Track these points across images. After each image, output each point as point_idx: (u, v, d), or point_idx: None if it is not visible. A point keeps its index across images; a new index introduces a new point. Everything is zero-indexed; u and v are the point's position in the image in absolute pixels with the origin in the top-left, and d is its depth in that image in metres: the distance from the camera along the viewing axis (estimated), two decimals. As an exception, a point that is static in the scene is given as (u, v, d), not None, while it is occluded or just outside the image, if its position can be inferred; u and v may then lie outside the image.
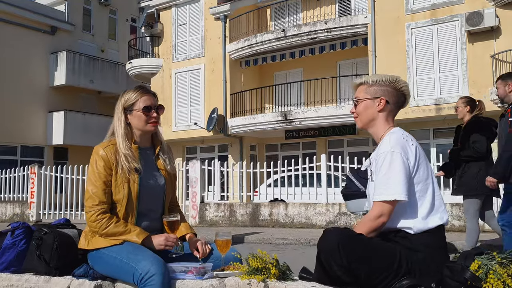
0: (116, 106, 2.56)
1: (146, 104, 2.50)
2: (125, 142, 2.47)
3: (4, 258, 2.64)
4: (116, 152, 2.45)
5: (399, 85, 2.25)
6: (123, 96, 2.56)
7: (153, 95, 2.61)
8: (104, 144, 2.49)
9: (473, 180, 5.00)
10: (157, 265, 2.18)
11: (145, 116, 2.50)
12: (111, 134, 2.56)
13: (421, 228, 2.07)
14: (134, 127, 2.53)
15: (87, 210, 2.40)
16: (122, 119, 2.50)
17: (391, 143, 2.10)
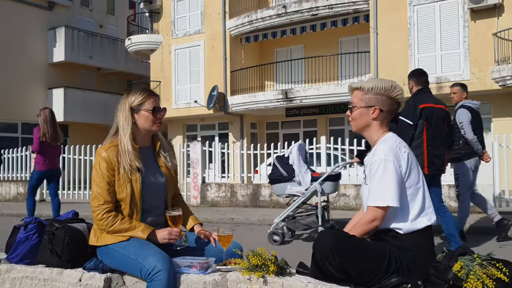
0: (121, 106, 2.65)
1: (154, 105, 2.62)
2: (132, 142, 2.59)
3: (19, 251, 2.80)
4: (118, 153, 2.56)
5: (394, 94, 2.31)
6: (129, 96, 2.65)
7: (158, 96, 2.73)
8: (106, 146, 2.60)
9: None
10: (163, 261, 2.33)
11: (153, 117, 2.61)
12: (113, 134, 2.67)
13: (410, 229, 2.20)
14: (140, 127, 2.64)
15: (93, 209, 2.53)
16: (130, 119, 2.60)
17: (385, 151, 2.21)
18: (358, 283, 2.09)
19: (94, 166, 2.60)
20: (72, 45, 23.02)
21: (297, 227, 6.13)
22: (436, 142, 4.77)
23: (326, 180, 5.95)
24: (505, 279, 1.88)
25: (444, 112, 4.95)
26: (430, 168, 4.71)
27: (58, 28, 22.84)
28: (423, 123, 4.70)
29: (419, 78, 4.97)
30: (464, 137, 5.79)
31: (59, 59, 22.77)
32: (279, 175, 6.03)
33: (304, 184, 5.90)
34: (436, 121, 4.78)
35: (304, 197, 5.98)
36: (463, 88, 6.06)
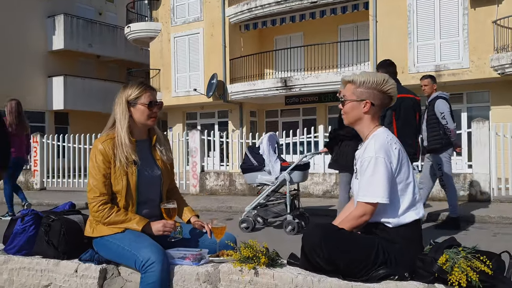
0: (118, 99, 2.67)
1: (150, 100, 2.64)
2: (129, 135, 2.62)
3: (16, 242, 2.84)
4: (114, 146, 2.59)
5: (386, 88, 2.33)
6: (126, 90, 2.68)
7: (155, 91, 2.75)
8: (102, 139, 2.63)
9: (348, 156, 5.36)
10: (157, 253, 2.37)
11: (149, 111, 2.64)
12: (110, 126, 2.70)
13: (399, 223, 2.24)
14: (136, 120, 2.67)
15: (89, 201, 2.57)
16: (126, 112, 2.63)
17: (376, 148, 2.23)
18: (347, 274, 2.13)
19: (90, 158, 2.63)
20: (71, 33, 22.93)
21: (267, 215, 6.37)
22: (406, 131, 4.88)
23: (294, 169, 6.12)
24: (489, 271, 1.93)
25: (414, 101, 5.06)
26: None
27: (57, 15, 22.74)
28: (391, 113, 4.82)
29: (388, 69, 5.06)
30: (445, 127, 5.92)
31: (59, 47, 22.70)
32: (250, 165, 6.27)
33: (273, 174, 6.09)
34: (405, 110, 4.90)
35: (274, 186, 6.17)
36: (433, 79, 6.26)
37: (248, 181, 6.57)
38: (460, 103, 14.82)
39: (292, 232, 5.94)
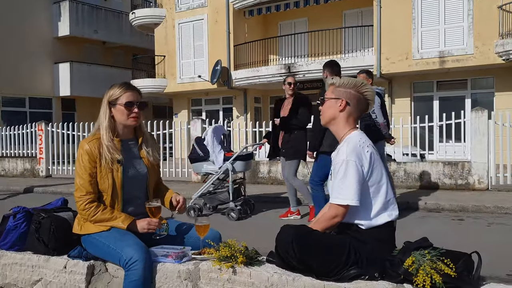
0: (103, 100, 2.76)
1: (128, 100, 2.70)
2: (108, 134, 2.69)
3: (9, 238, 2.96)
4: (100, 146, 2.67)
5: (362, 89, 2.40)
6: (109, 91, 2.76)
7: (137, 91, 2.81)
8: (88, 139, 2.71)
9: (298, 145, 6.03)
10: (140, 252, 2.46)
11: (127, 111, 2.70)
12: (97, 128, 2.77)
13: (371, 224, 2.30)
14: (117, 121, 2.74)
15: (76, 200, 2.66)
16: (107, 112, 2.71)
17: (347, 151, 2.29)
18: (320, 274, 2.21)
19: (77, 158, 2.71)
20: (76, 19, 22.96)
21: (213, 202, 6.79)
22: None
23: (236, 159, 6.47)
24: (453, 274, 1.99)
25: None
26: None
27: (62, 1, 22.75)
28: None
29: (333, 68, 5.48)
30: (375, 121, 6.10)
31: (64, 33, 22.75)
32: (196, 155, 6.65)
33: (217, 163, 6.48)
34: None
35: (217, 175, 6.54)
36: (369, 74, 6.32)
37: (195, 170, 6.97)
38: (464, 89, 14.73)
39: (233, 218, 6.33)
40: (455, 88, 14.78)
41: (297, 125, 6.09)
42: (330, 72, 5.47)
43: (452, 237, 5.27)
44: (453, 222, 6.19)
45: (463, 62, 13.40)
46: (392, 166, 8.98)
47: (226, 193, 6.55)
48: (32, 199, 8.44)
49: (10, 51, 20.80)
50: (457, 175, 8.45)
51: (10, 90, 21.13)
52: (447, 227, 5.91)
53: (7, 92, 21.02)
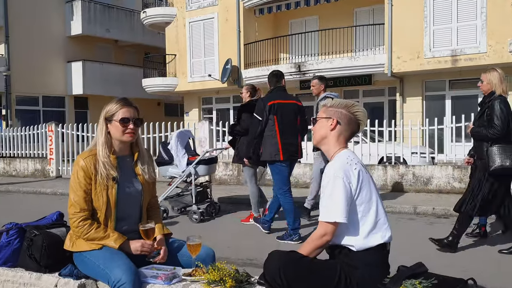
0: (100, 116, 2.73)
1: (124, 116, 2.67)
2: (105, 150, 2.66)
3: (1, 255, 2.94)
4: (96, 162, 2.65)
5: (353, 109, 2.41)
6: (106, 107, 2.74)
7: (134, 107, 2.76)
8: (84, 155, 2.68)
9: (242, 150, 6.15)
10: (129, 274, 2.43)
11: (122, 127, 2.67)
12: (94, 143, 2.75)
13: (363, 246, 2.25)
14: (113, 136, 2.71)
15: (70, 217, 2.64)
16: (104, 128, 2.69)
17: (335, 168, 2.26)
18: (308, 300, 2.16)
19: (72, 174, 2.69)
20: (89, 18, 23.10)
21: (177, 205, 7.07)
22: (287, 133, 5.44)
23: (199, 163, 6.72)
24: (443, 306, 1.92)
25: (296, 106, 5.57)
26: (284, 155, 5.41)
27: (74, 1, 22.91)
28: (273, 117, 5.38)
29: (272, 79, 5.65)
30: None
31: (77, 32, 22.92)
32: (162, 159, 6.91)
33: (180, 167, 6.74)
34: (286, 115, 5.44)
35: (181, 178, 6.78)
36: (321, 80, 6.40)
37: (161, 174, 7.22)
38: (477, 88, 14.40)
39: (196, 220, 6.57)
40: (468, 87, 14.53)
41: (240, 131, 6.28)
42: (275, 82, 5.64)
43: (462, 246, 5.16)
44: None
45: (476, 61, 13.16)
46: (401, 169, 8.86)
47: (189, 196, 6.80)
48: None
49: (23, 51, 21.03)
50: (467, 179, 8.28)
51: (23, 89, 21.37)
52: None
53: (20, 91, 21.25)
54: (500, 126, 4.44)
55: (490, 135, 4.49)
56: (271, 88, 5.61)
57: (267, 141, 5.42)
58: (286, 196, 5.47)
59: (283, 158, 5.38)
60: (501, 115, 4.44)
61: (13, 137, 13.75)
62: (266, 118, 5.37)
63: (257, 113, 5.43)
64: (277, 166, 5.45)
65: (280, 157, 5.36)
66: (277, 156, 5.37)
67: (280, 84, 5.61)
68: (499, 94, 4.57)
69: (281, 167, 5.45)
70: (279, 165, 5.44)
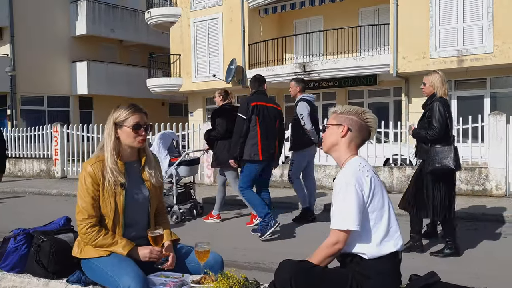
0: (108, 120, 2.69)
1: (136, 122, 2.65)
2: (113, 157, 2.64)
3: (9, 260, 2.94)
4: (104, 168, 2.62)
5: (364, 116, 2.37)
6: (115, 112, 2.69)
7: (145, 113, 2.74)
8: (92, 161, 2.66)
9: (221, 155, 6.32)
10: (137, 280, 2.41)
11: (134, 133, 2.65)
12: (101, 148, 2.72)
13: (374, 254, 2.22)
14: (123, 142, 2.69)
15: (78, 223, 2.63)
16: (112, 134, 2.65)
17: (347, 175, 2.23)
18: (319, 310, 2.13)
19: (79, 180, 2.66)
20: (93, 18, 23.12)
21: None
22: (267, 134, 5.67)
23: (180, 165, 6.88)
24: (458, 317, 1.90)
25: (275, 110, 5.82)
26: (263, 155, 5.61)
27: (79, 1, 22.93)
28: (255, 118, 5.59)
29: (254, 83, 5.88)
30: (304, 128, 6.31)
31: (81, 32, 22.94)
32: None
33: (162, 169, 6.74)
34: (267, 117, 5.66)
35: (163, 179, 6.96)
36: (298, 82, 6.59)
37: None
38: (483, 89, 14.40)
39: (176, 220, 6.77)
40: (474, 88, 14.46)
41: (216, 136, 6.44)
42: (257, 86, 5.86)
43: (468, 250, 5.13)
44: (468, 232, 6.03)
45: (482, 61, 13.08)
46: (407, 170, 8.81)
47: (170, 197, 6.97)
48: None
49: (28, 51, 21.08)
50: (474, 181, 8.25)
51: (28, 89, 21.42)
52: (462, 237, 5.75)
53: (25, 91, 21.31)
54: (438, 128, 4.60)
55: (429, 136, 4.66)
56: (253, 91, 5.83)
57: (248, 142, 5.61)
58: (249, 190, 5.70)
59: (262, 159, 5.60)
60: (439, 118, 4.60)
61: (18, 138, 13.78)
62: (249, 118, 5.57)
63: (241, 112, 5.61)
64: (252, 165, 5.65)
65: (259, 157, 5.58)
66: (256, 156, 5.58)
67: (262, 88, 5.85)
68: (440, 96, 4.76)
69: (255, 166, 5.66)
70: (254, 165, 5.65)
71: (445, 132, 4.64)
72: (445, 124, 4.61)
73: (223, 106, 6.51)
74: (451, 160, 4.60)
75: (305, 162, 6.63)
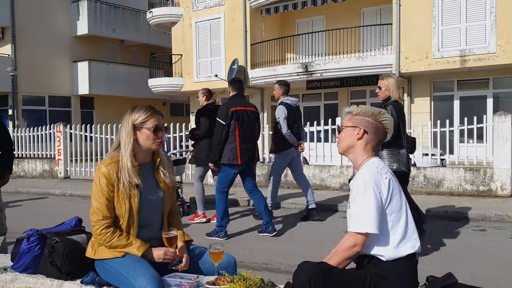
0: (125, 122, 2.68)
1: (156, 124, 2.66)
2: (131, 158, 2.63)
3: (22, 261, 2.93)
4: (118, 169, 2.62)
5: (380, 118, 2.35)
6: (133, 114, 2.68)
7: (161, 115, 2.75)
8: (106, 162, 2.65)
9: (201, 153, 6.51)
10: (153, 282, 2.40)
11: (154, 135, 2.65)
12: (115, 148, 2.72)
13: (392, 256, 2.21)
14: (141, 144, 2.68)
15: (92, 224, 2.62)
16: (131, 136, 2.64)
17: (365, 177, 2.22)
18: (337, 312, 2.13)
19: (94, 181, 2.65)
20: (95, 18, 23.13)
21: None
22: (246, 138, 5.74)
23: None
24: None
25: (254, 113, 5.92)
26: (242, 159, 5.70)
27: (81, 1, 22.93)
28: (234, 123, 5.67)
29: (235, 85, 5.92)
30: (281, 132, 6.49)
31: (83, 32, 22.94)
32: None
33: None
34: (246, 121, 5.74)
35: None
36: (280, 85, 6.74)
37: None
38: (486, 89, 14.41)
39: None
40: (477, 88, 14.46)
41: (199, 135, 6.59)
42: (233, 88, 5.91)
43: (474, 251, 5.13)
44: (474, 232, 6.03)
45: (485, 61, 13.08)
46: (412, 171, 8.79)
47: None
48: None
49: (29, 51, 21.08)
50: (479, 181, 8.25)
51: (30, 89, 21.42)
52: (469, 238, 5.76)
53: (27, 91, 21.31)
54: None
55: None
56: (232, 95, 5.87)
57: (227, 146, 5.68)
58: (223, 195, 5.80)
59: (240, 162, 5.69)
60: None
61: (21, 138, 13.78)
62: (228, 123, 5.64)
63: (220, 118, 5.67)
64: (230, 169, 5.75)
65: (238, 162, 5.68)
66: (235, 161, 5.67)
67: (242, 91, 5.97)
68: (394, 99, 4.81)
69: (233, 170, 5.73)
70: (232, 169, 5.74)
71: (397, 135, 4.59)
72: (397, 127, 4.60)
73: (207, 106, 6.67)
74: (402, 164, 4.64)
75: (286, 163, 6.84)
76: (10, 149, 4.98)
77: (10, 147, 5.00)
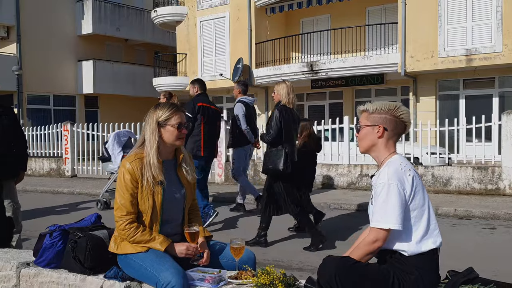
0: (149, 119, 2.73)
1: (179, 121, 2.71)
2: (157, 155, 2.68)
3: (45, 256, 2.98)
4: (142, 166, 2.66)
5: (398, 113, 2.36)
6: (157, 111, 2.73)
7: (184, 112, 2.82)
8: (131, 158, 2.70)
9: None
10: (178, 277, 2.44)
11: (178, 132, 2.70)
12: (140, 145, 2.76)
13: (414, 251, 2.25)
14: (165, 141, 2.73)
15: (116, 219, 2.66)
16: (156, 133, 2.69)
17: (389, 174, 2.25)
18: (362, 305, 2.16)
19: (118, 176, 2.71)
20: (99, 17, 23.18)
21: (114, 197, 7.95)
22: (210, 133, 6.15)
23: None
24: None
25: (216, 112, 6.37)
26: (205, 152, 6.08)
27: (85, 0, 22.98)
28: (200, 117, 6.04)
29: (202, 85, 6.35)
30: (239, 127, 6.92)
31: (87, 31, 23.00)
32: (103, 156, 7.82)
33: (115, 163, 7.52)
34: (211, 117, 6.15)
35: (117, 174, 7.38)
36: (238, 84, 7.45)
37: (104, 169, 8.18)
38: (492, 88, 14.41)
39: None
40: (482, 87, 14.47)
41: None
42: (199, 87, 6.27)
43: (485, 249, 5.15)
44: (484, 231, 6.06)
45: (491, 60, 13.08)
46: (420, 170, 8.83)
47: None
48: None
49: (34, 50, 21.14)
50: (487, 180, 8.27)
51: (35, 88, 21.49)
52: (479, 236, 5.78)
53: (32, 90, 21.37)
54: (272, 133, 5.07)
55: (266, 140, 5.17)
56: (199, 93, 6.24)
57: (191, 138, 5.98)
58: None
59: (203, 154, 6.06)
60: (274, 124, 5.05)
61: (28, 137, 13.83)
62: (195, 116, 5.99)
63: (188, 111, 5.95)
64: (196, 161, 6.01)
65: (201, 153, 6.04)
66: (198, 152, 6.02)
67: (205, 91, 6.35)
68: (283, 104, 5.13)
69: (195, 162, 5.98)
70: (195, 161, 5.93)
71: (280, 137, 5.05)
72: (278, 130, 5.02)
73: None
74: (281, 162, 5.02)
75: (245, 158, 7.30)
76: (24, 147, 5.05)
77: (24, 145, 5.07)
